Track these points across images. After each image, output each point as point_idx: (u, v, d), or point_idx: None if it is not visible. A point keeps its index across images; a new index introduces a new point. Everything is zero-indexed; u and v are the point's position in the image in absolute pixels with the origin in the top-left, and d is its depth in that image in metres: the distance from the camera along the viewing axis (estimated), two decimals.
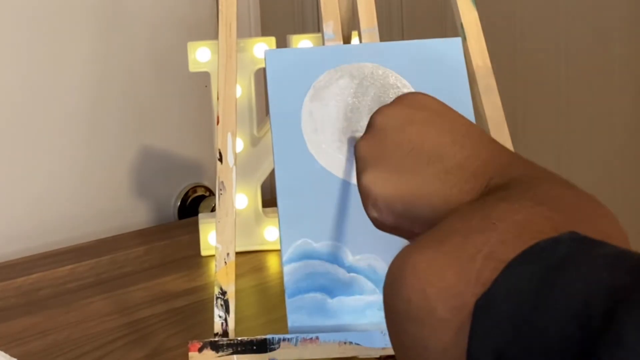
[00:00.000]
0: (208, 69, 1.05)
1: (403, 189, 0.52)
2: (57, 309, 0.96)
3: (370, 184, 0.54)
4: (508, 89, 0.95)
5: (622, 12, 1.06)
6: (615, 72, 1.08)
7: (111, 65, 1.26)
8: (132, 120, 1.29)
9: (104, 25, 1.25)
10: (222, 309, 0.75)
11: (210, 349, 0.73)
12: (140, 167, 1.30)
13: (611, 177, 1.10)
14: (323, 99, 0.78)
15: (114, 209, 1.28)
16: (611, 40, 1.08)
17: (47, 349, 0.86)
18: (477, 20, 0.82)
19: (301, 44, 1.06)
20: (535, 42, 1.15)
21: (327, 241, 0.75)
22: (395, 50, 0.81)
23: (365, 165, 0.55)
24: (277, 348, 0.72)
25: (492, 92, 0.81)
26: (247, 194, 1.09)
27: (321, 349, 0.72)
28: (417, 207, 0.52)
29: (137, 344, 0.86)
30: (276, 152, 0.77)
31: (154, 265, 1.09)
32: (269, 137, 1.06)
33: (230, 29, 0.80)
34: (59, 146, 1.23)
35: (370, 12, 0.83)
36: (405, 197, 0.52)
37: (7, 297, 1.01)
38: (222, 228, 0.77)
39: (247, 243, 1.08)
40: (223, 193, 0.78)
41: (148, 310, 0.94)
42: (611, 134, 1.09)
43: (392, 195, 0.53)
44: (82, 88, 1.24)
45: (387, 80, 0.79)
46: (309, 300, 0.74)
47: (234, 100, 0.79)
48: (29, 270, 1.07)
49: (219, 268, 0.76)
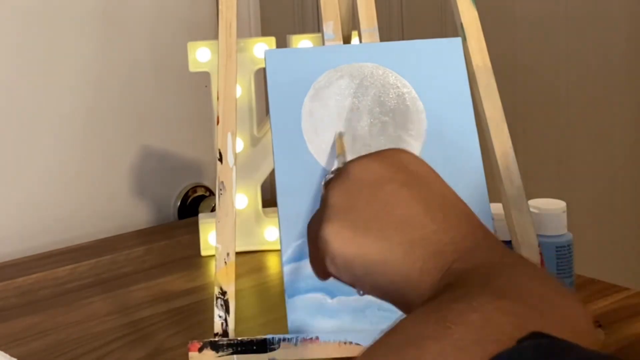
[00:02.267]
0: (208, 69, 1.05)
1: (365, 251, 0.50)
2: (57, 309, 0.96)
3: (332, 236, 0.51)
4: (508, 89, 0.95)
5: (622, 12, 1.06)
6: (616, 72, 1.08)
7: (111, 65, 1.26)
8: (132, 120, 1.29)
9: (104, 25, 1.25)
10: (222, 309, 0.75)
11: (210, 349, 0.73)
12: (140, 167, 1.30)
13: (611, 176, 1.10)
14: (323, 99, 0.78)
15: (114, 209, 1.28)
16: (611, 40, 1.08)
17: (47, 349, 0.86)
18: (477, 20, 0.82)
19: (301, 44, 1.06)
20: (535, 42, 1.15)
21: None
22: (395, 50, 0.81)
23: (332, 214, 0.52)
24: (277, 348, 0.72)
25: (492, 92, 0.81)
26: (247, 194, 1.09)
27: (321, 349, 0.72)
28: (376, 276, 0.50)
29: (137, 344, 0.86)
30: (276, 152, 0.77)
31: (154, 265, 1.09)
32: (269, 137, 1.06)
33: (230, 29, 0.80)
34: (58, 146, 1.23)
35: (370, 12, 0.83)
36: (366, 262, 0.50)
37: (7, 297, 1.01)
38: (222, 228, 0.77)
39: (247, 243, 1.08)
40: (223, 193, 0.78)
41: (148, 310, 0.94)
42: (611, 133, 1.09)
43: (353, 256, 0.50)
44: (82, 88, 1.24)
45: (387, 80, 0.79)
46: (309, 300, 0.74)
47: (234, 100, 0.79)
48: (29, 270, 1.07)
49: (219, 268, 0.76)
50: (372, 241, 0.50)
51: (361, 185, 0.52)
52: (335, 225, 0.51)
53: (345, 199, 0.52)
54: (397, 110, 0.79)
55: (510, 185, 0.79)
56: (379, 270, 0.50)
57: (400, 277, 0.48)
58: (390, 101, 0.79)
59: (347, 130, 0.78)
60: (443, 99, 0.79)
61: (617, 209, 1.10)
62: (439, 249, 0.48)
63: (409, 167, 0.53)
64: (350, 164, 0.54)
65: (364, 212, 0.51)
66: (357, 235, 0.50)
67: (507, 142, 0.80)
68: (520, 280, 0.44)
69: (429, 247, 0.48)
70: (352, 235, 0.51)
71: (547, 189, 1.13)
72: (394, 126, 0.78)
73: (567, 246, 0.82)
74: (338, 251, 0.51)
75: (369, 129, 0.78)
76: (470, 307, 0.39)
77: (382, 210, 0.51)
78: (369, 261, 0.50)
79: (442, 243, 0.48)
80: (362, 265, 0.50)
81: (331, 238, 0.51)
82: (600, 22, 1.08)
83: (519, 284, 0.43)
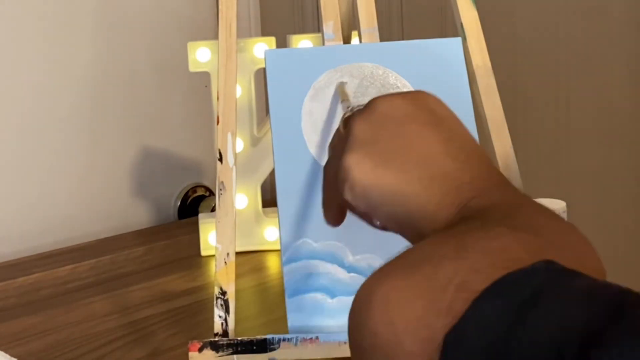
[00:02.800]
0: (208, 69, 1.05)
1: (385, 182, 0.51)
2: (57, 309, 0.96)
3: (353, 165, 0.52)
4: (508, 89, 0.95)
5: (623, 12, 1.06)
6: (616, 72, 1.08)
7: (111, 65, 1.26)
8: (132, 120, 1.29)
9: (105, 25, 1.25)
10: (222, 309, 0.75)
11: (210, 349, 0.73)
12: (140, 167, 1.30)
13: (611, 176, 1.10)
14: (323, 99, 0.78)
15: (114, 209, 1.28)
16: (611, 40, 1.08)
17: (47, 349, 0.86)
18: (477, 20, 0.82)
19: (301, 44, 1.06)
20: (535, 42, 1.15)
21: (327, 241, 0.75)
22: (395, 50, 0.81)
23: (355, 145, 0.53)
24: (277, 348, 0.72)
25: (492, 92, 0.81)
26: (247, 194, 1.09)
27: (321, 349, 0.72)
28: (393, 205, 0.50)
29: (137, 344, 0.85)
30: (276, 152, 0.77)
31: (154, 265, 1.09)
32: (269, 137, 1.06)
33: (230, 29, 0.80)
34: (58, 146, 1.23)
35: (370, 12, 0.83)
36: (385, 191, 0.51)
37: (7, 297, 1.01)
38: (222, 228, 0.77)
39: (247, 243, 1.08)
40: (223, 193, 0.78)
41: (148, 310, 0.94)
42: (611, 133, 1.09)
43: (372, 185, 0.51)
44: (82, 88, 1.24)
45: (387, 80, 0.79)
46: (309, 300, 0.74)
47: (234, 100, 0.79)
48: (29, 270, 1.07)
49: (219, 268, 0.76)
50: (393, 173, 0.51)
51: (385, 120, 0.53)
52: (358, 154, 0.52)
53: (369, 132, 0.53)
54: None
55: None
56: (397, 201, 0.50)
57: (417, 208, 0.49)
58: None
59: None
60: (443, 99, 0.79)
61: (617, 209, 1.10)
62: (457, 185, 0.49)
63: (434, 108, 0.54)
64: (377, 100, 0.55)
65: (387, 145, 0.52)
66: (378, 167, 0.51)
67: (507, 142, 0.80)
68: (537, 218, 0.45)
69: (448, 183, 0.49)
70: (373, 166, 0.51)
71: (547, 189, 1.13)
72: None
73: None
74: (357, 178, 0.52)
75: None
76: (488, 236, 0.40)
77: (404, 146, 0.52)
78: (388, 191, 0.51)
79: (460, 181, 0.49)
80: (380, 194, 0.51)
81: (353, 166, 0.52)
82: (600, 22, 1.08)
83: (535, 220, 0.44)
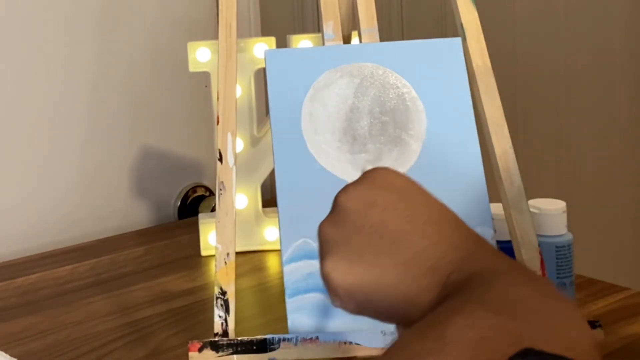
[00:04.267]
0: (208, 69, 1.05)
1: (363, 279, 0.51)
2: (57, 309, 0.96)
3: (331, 272, 0.52)
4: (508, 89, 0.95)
5: (622, 12, 1.06)
6: (616, 72, 1.08)
7: (111, 65, 1.26)
8: (132, 120, 1.29)
9: (104, 25, 1.25)
10: (222, 309, 0.75)
11: (210, 349, 0.73)
12: (140, 167, 1.30)
13: (611, 176, 1.10)
14: (323, 99, 0.78)
15: (114, 209, 1.28)
16: (611, 40, 1.08)
17: (47, 349, 0.86)
18: (477, 20, 0.82)
19: (301, 44, 1.06)
20: (535, 42, 1.15)
21: None
22: (395, 50, 0.81)
23: (327, 250, 0.53)
24: (277, 348, 0.72)
25: (492, 92, 0.81)
26: (247, 194, 1.09)
27: (321, 349, 0.72)
28: (377, 301, 0.51)
29: (137, 344, 0.86)
30: (276, 152, 0.77)
31: (154, 265, 1.09)
32: (269, 137, 1.06)
33: (230, 29, 0.80)
34: (58, 146, 1.23)
35: (370, 12, 0.83)
36: (365, 288, 0.51)
37: (7, 297, 1.01)
38: (222, 228, 0.77)
39: (247, 243, 1.08)
40: (223, 193, 0.78)
41: (148, 310, 0.94)
42: (611, 133, 1.09)
43: (353, 285, 0.51)
44: (82, 88, 1.24)
45: (387, 80, 0.79)
46: (309, 300, 0.74)
47: (234, 100, 0.79)
48: (29, 270, 1.07)
49: (219, 268, 0.76)
50: (367, 269, 0.51)
51: (347, 214, 0.53)
52: (332, 259, 0.52)
53: (336, 232, 0.53)
54: (397, 110, 0.79)
55: (510, 185, 0.79)
56: (380, 296, 0.50)
57: (400, 299, 0.49)
58: (390, 101, 0.79)
59: (347, 131, 0.78)
60: (443, 99, 0.80)
61: (617, 209, 1.10)
62: (433, 264, 0.49)
63: (394, 184, 0.53)
64: (337, 196, 0.55)
65: (355, 240, 0.52)
66: (354, 264, 0.51)
67: (507, 142, 0.80)
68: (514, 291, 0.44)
69: (423, 264, 0.49)
70: (349, 265, 0.51)
71: (547, 189, 1.13)
72: (393, 126, 0.79)
73: (567, 246, 0.82)
74: (337, 283, 0.52)
75: (369, 129, 0.78)
76: (466, 324, 0.40)
77: (372, 236, 0.51)
78: (368, 288, 0.51)
79: (435, 258, 0.49)
80: (362, 293, 0.51)
81: (330, 273, 0.52)
82: (600, 21, 1.08)
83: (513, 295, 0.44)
